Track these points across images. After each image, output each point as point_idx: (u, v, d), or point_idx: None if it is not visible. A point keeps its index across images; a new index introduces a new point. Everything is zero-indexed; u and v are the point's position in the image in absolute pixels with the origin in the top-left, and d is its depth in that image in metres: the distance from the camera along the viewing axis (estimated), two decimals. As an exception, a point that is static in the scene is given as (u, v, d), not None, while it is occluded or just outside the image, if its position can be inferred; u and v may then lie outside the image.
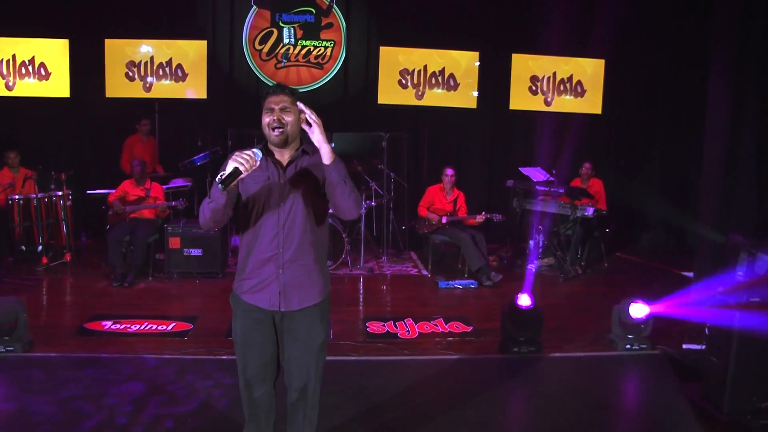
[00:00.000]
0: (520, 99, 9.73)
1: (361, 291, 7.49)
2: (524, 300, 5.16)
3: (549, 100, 9.77)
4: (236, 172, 2.72)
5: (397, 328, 5.99)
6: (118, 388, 4.50)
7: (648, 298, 5.42)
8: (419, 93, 9.59)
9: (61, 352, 5.18)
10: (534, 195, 8.22)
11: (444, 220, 7.84)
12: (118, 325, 5.86)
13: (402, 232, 9.16)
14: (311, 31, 9.55)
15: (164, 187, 8.30)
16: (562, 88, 9.74)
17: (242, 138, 8.46)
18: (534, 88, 9.74)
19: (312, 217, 3.02)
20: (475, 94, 9.56)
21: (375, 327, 6.02)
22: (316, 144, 2.88)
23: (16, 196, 7.76)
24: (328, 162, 2.88)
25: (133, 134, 8.95)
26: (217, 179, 2.75)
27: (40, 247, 7.93)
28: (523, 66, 9.70)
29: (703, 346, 4.83)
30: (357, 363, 5.16)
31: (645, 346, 5.38)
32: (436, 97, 9.61)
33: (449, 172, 7.92)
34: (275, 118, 2.93)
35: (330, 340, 5.63)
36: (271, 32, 9.52)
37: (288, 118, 2.94)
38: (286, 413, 3.28)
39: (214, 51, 9.45)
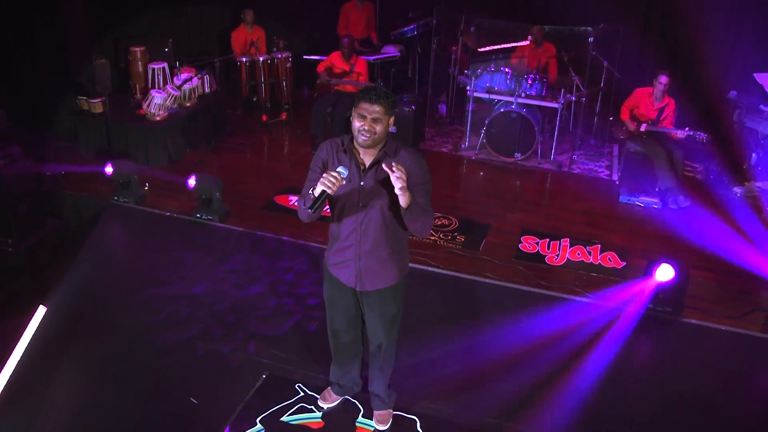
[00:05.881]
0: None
1: (537, 193, 7.47)
2: (663, 273, 4.80)
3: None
4: (323, 194, 3.01)
5: (549, 250, 6.03)
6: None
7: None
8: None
9: (245, 227, 6.13)
10: (759, 113, 7.16)
11: (643, 128, 7.25)
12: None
13: (607, 124, 8.63)
14: None
15: (374, 58, 8.69)
16: None
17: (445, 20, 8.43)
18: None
19: (388, 217, 3.25)
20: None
21: (528, 243, 6.12)
22: (397, 193, 2.99)
23: (244, 59, 8.67)
24: (404, 206, 3.02)
25: (349, 0, 9.26)
26: (310, 194, 3.06)
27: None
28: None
29: None
30: (487, 287, 5.41)
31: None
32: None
33: (663, 79, 7.02)
34: (366, 127, 3.07)
35: (478, 252, 5.93)
36: None
37: (378, 128, 3.08)
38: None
39: None
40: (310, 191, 3.08)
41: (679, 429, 4.05)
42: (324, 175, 3.01)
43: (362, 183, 3.20)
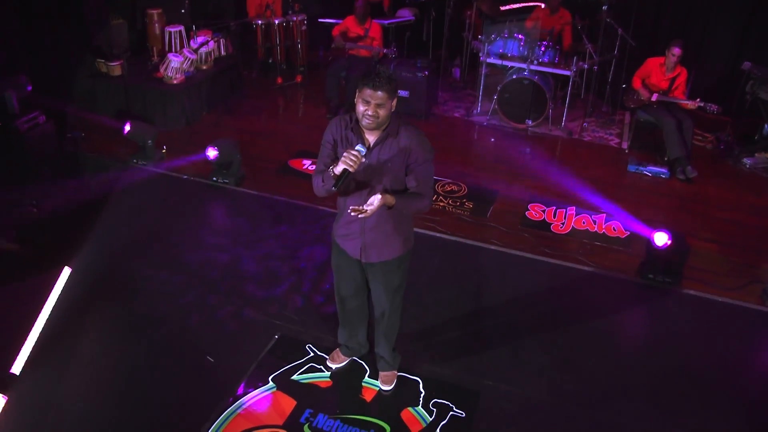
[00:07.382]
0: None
1: (546, 160, 7.54)
2: (660, 239, 4.96)
3: None
4: (346, 173, 3.14)
5: (555, 218, 6.16)
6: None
7: None
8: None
9: (260, 191, 6.32)
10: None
11: (654, 97, 7.29)
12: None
13: (619, 92, 8.64)
14: None
15: (388, 22, 8.72)
16: None
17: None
18: None
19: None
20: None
21: (535, 211, 6.25)
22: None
23: (260, 21, 8.73)
24: (390, 207, 3.26)
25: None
26: (331, 173, 3.19)
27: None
28: None
29: None
30: (492, 253, 5.57)
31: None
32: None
33: (676, 51, 7.03)
34: (371, 112, 3.19)
35: (485, 219, 6.09)
36: None
37: (381, 112, 3.19)
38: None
39: None
40: (331, 169, 3.20)
41: (674, 399, 4.19)
42: (345, 153, 3.13)
43: (366, 160, 3.33)
